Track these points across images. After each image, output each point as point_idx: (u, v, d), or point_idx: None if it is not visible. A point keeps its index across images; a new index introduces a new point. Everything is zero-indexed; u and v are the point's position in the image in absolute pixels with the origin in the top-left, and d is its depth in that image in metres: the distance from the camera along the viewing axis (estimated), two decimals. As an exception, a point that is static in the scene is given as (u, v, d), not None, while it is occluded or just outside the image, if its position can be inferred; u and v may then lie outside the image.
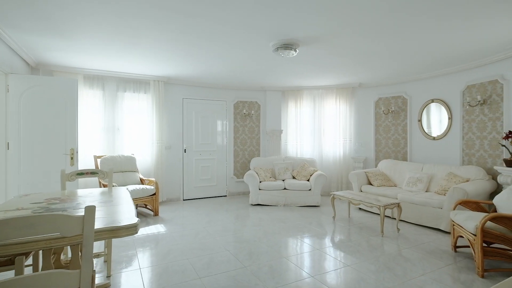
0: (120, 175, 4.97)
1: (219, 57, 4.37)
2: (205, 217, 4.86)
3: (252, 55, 4.25)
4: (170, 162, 5.99)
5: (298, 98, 6.74)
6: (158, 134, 5.65)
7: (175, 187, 6.07)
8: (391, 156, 6.00)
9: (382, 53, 4.15)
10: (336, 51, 4.03)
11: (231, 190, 6.64)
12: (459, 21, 3.05)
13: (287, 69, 5.11)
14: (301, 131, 6.80)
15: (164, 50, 4.02)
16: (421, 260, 3.11)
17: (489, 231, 2.73)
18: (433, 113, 5.34)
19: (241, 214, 5.07)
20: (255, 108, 6.81)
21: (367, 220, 4.65)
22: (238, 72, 5.34)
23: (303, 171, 5.97)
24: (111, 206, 2.20)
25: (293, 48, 3.64)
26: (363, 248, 3.46)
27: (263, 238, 3.83)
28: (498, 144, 4.29)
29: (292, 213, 5.11)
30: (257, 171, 5.99)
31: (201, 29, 3.29)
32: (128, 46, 3.85)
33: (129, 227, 1.73)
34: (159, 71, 5.21)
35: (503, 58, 4.13)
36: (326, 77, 5.73)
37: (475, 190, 3.90)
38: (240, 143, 6.71)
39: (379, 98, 6.15)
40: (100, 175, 3.14)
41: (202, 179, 6.34)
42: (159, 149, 5.66)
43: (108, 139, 5.28)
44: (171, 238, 3.80)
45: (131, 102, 5.55)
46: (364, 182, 5.41)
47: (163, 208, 5.43)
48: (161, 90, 5.68)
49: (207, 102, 6.40)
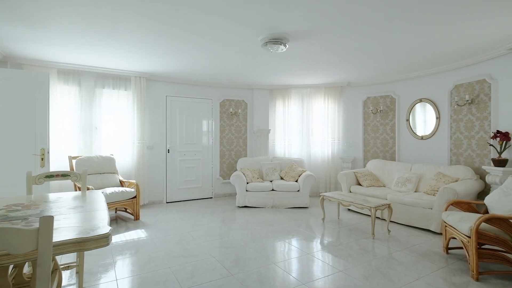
0: (97, 177, 4.64)
1: (204, 52, 4.14)
2: (189, 220, 4.62)
3: (239, 50, 4.05)
4: (152, 163, 5.70)
5: (286, 97, 6.60)
6: (139, 134, 5.35)
7: (158, 189, 5.78)
8: (379, 156, 5.96)
9: (373, 50, 4.06)
10: (327, 47, 3.90)
11: (217, 191, 6.41)
12: (450, 17, 2.98)
13: (275, 67, 4.95)
14: (289, 131, 6.66)
15: (145, 43, 3.76)
16: (414, 264, 3.02)
17: (484, 233, 2.65)
18: (421, 112, 5.32)
19: (228, 217, 4.86)
20: (242, 107, 6.61)
21: (357, 222, 4.55)
22: (224, 69, 5.13)
23: (291, 172, 5.83)
24: (82, 212, 1.95)
25: (282, 43, 3.48)
26: (354, 252, 3.34)
27: (250, 242, 3.64)
28: (486, 144, 4.29)
29: (281, 215, 4.95)
30: (244, 172, 5.80)
31: (184, 21, 3.07)
32: (105, 38, 3.56)
33: (99, 239, 1.50)
34: (140, 66, 4.92)
35: (491, 58, 4.13)
36: (315, 76, 5.61)
37: (465, 190, 3.87)
38: (226, 143, 6.50)
39: (368, 98, 6.10)
40: (72, 177, 2.86)
41: (186, 180, 6.08)
42: (140, 149, 5.36)
43: (85, 139, 4.94)
44: (152, 245, 3.55)
45: (110, 99, 5.23)
46: (353, 183, 5.32)
47: (145, 211, 5.14)
48: (142, 87, 5.38)
49: (192, 100, 6.15)
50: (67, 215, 1.87)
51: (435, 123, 5.04)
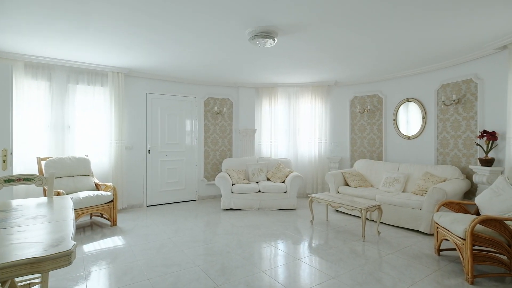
0: (70, 180, 4.28)
1: (187, 46, 3.89)
2: (171, 225, 4.34)
3: (225, 45, 3.83)
4: (131, 164, 5.36)
5: (273, 96, 6.43)
6: (117, 133, 5.01)
7: (138, 192, 5.45)
8: (366, 156, 5.90)
9: (362, 48, 3.95)
10: (316, 43, 3.75)
11: (201, 193, 6.15)
12: (441, 14, 2.90)
13: (262, 64, 4.76)
14: (276, 130, 6.50)
15: (121, 34, 3.46)
16: (408, 267, 2.91)
17: (478, 235, 2.58)
18: (408, 112, 5.30)
19: (212, 220, 4.62)
20: (227, 106, 6.38)
21: (346, 223, 4.44)
22: (209, 66, 4.89)
23: (278, 172, 5.66)
24: (43, 223, 1.68)
25: (271, 37, 3.29)
26: (345, 256, 3.20)
27: (237, 248, 3.42)
28: (472, 143, 4.30)
29: (268, 217, 4.77)
30: (230, 173, 5.57)
31: (164, 10, 2.82)
32: (76, 27, 3.24)
33: (58, 257, 1.25)
34: (118, 61, 4.59)
35: (477, 57, 4.14)
36: (302, 74, 5.47)
37: (453, 190, 3.83)
38: (211, 143, 6.25)
39: (355, 97, 6.03)
40: (37, 181, 2.54)
41: (168, 182, 5.78)
42: (118, 149, 5.02)
43: (57, 139, 4.55)
44: (130, 253, 3.26)
45: (85, 96, 4.85)
46: (341, 183, 5.22)
47: (123, 216, 4.81)
48: (121, 83, 5.04)
49: (174, 98, 5.85)
50: (24, 227, 1.60)
51: (422, 123, 5.02)
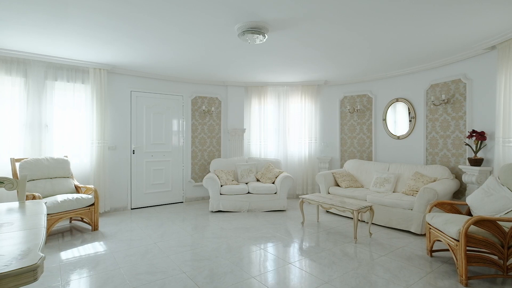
0: (47, 182, 4.02)
1: (173, 42, 3.72)
2: (157, 229, 4.15)
3: (213, 41, 3.68)
4: (114, 165, 5.12)
5: (262, 95, 6.31)
6: (99, 133, 4.76)
7: (121, 194, 5.21)
8: (356, 156, 5.87)
9: (353, 46, 3.89)
10: (308, 40, 3.66)
11: (189, 195, 5.96)
12: (434, 12, 2.86)
13: (251, 61, 4.63)
14: (265, 130, 6.38)
15: (102, 28, 3.26)
16: (401, 270, 2.85)
17: (472, 236, 2.54)
18: (397, 112, 5.29)
19: (200, 223, 4.45)
20: (216, 105, 6.22)
21: (337, 224, 4.37)
22: (197, 63, 4.72)
23: (268, 173, 5.55)
24: (9, 232, 1.51)
25: (261, 33, 3.17)
26: (338, 259, 3.12)
27: (225, 253, 3.28)
28: (461, 143, 4.32)
29: (257, 219, 4.64)
30: (218, 174, 5.42)
31: (148, 1, 2.65)
32: (53, 18, 3.02)
33: (21, 273, 1.10)
34: (100, 56, 4.36)
35: (466, 58, 4.15)
36: (292, 73, 5.38)
37: (443, 190, 3.83)
38: (198, 143, 6.07)
39: (345, 97, 6.00)
40: (7, 184, 2.33)
41: (154, 184, 5.57)
42: (100, 150, 4.77)
43: (33, 139, 4.27)
44: (112, 260, 3.06)
45: (64, 93, 4.59)
46: (331, 184, 5.16)
47: (105, 220, 4.58)
48: (103, 80, 4.80)
49: (160, 97, 5.65)
50: (-15, 237, 1.42)
51: (411, 123, 5.03)
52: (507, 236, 2.48)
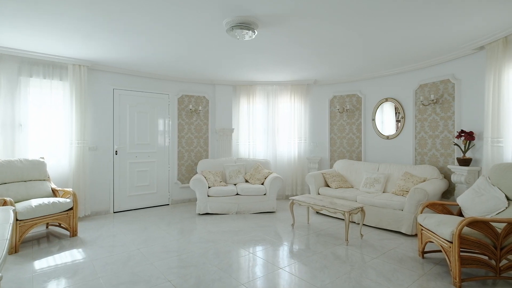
0: (21, 185, 3.75)
1: (157, 37, 3.54)
2: (140, 234, 3.95)
3: (200, 36, 3.52)
4: (96, 167, 4.87)
5: (251, 94, 6.18)
6: (79, 132, 4.50)
7: (103, 197, 4.96)
8: (345, 156, 5.83)
9: (344, 44, 3.82)
10: (298, 37, 3.55)
11: (175, 197, 5.76)
12: (427, 11, 2.81)
13: (240, 59, 4.49)
14: (254, 130, 6.26)
15: (80, 20, 3.04)
16: (394, 273, 2.79)
17: (465, 237, 2.49)
18: (387, 112, 5.28)
19: (187, 227, 4.28)
20: (203, 104, 6.04)
21: (327, 226, 4.29)
22: (183, 60, 4.54)
23: (257, 174, 5.42)
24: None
25: (251, 29, 3.04)
26: (329, 262, 3.02)
27: (213, 258, 3.13)
28: (450, 143, 4.33)
29: (246, 222, 4.51)
30: (206, 175, 5.25)
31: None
32: (24, 9, 2.79)
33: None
34: (79, 52, 4.11)
35: (455, 58, 4.16)
36: (281, 71, 5.28)
37: (433, 190, 3.81)
38: (185, 143, 5.87)
39: (334, 96, 5.95)
40: (-31, 190, 2.10)
41: (138, 186, 5.33)
42: (80, 150, 4.52)
43: (5, 139, 3.98)
44: (91, 269, 2.86)
45: (40, 90, 4.31)
46: (321, 184, 5.09)
47: (85, 225, 4.33)
48: (83, 77, 4.54)
49: (145, 95, 5.42)
50: None
51: (401, 123, 5.02)
52: (499, 237, 2.45)
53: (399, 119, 5.05)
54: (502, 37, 3.33)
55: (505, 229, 2.43)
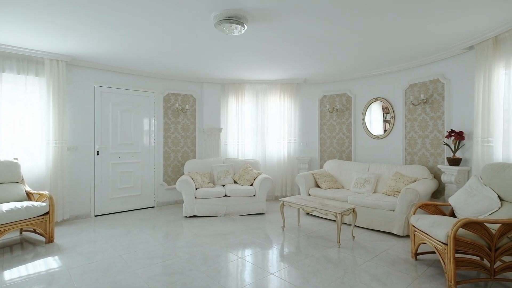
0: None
1: (143, 30, 3.34)
2: (123, 239, 3.73)
3: (187, 30, 3.35)
4: (76, 168, 4.60)
5: (240, 93, 6.04)
6: (57, 132, 4.24)
7: (84, 200, 4.70)
8: (335, 156, 5.77)
9: (335, 42, 3.73)
10: (289, 34, 3.44)
11: (160, 199, 5.54)
12: (412, 14, 2.76)
13: (229, 56, 4.34)
14: (243, 130, 6.11)
15: (55, 10, 2.82)
16: (388, 276, 2.71)
17: (460, 239, 2.43)
18: (377, 112, 5.25)
19: (173, 230, 4.09)
20: (190, 103, 5.85)
21: (318, 228, 4.20)
22: (169, 56, 4.35)
23: (246, 175, 5.28)
24: None
25: (240, 23, 2.90)
26: (322, 266, 2.92)
27: (201, 264, 2.97)
28: (439, 143, 4.32)
29: (235, 224, 4.36)
30: (193, 176, 5.07)
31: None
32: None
33: None
34: (56, 45, 3.86)
35: (444, 58, 4.16)
36: (271, 70, 5.16)
37: (425, 190, 3.78)
38: (171, 143, 5.67)
39: (324, 96, 5.88)
40: None
41: (122, 188, 5.09)
42: (58, 151, 4.25)
43: (-26, 138, 3.69)
44: (67, 279, 2.64)
45: (14, 86, 4.02)
46: (311, 185, 5.00)
47: (64, 230, 4.07)
48: (61, 73, 4.28)
49: (129, 93, 5.18)
50: None
51: (390, 123, 5.00)
52: (494, 238, 2.41)
53: (389, 119, 5.03)
54: (492, 37, 3.32)
55: (500, 229, 2.39)
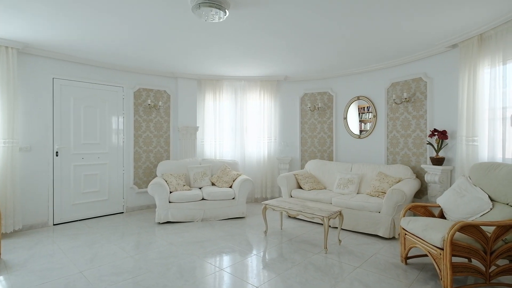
0: None
1: (109, 14, 2.92)
2: (86, 251, 3.27)
3: (161, 15, 2.98)
4: (29, 171, 4.04)
5: (218, 90, 5.70)
6: (5, 129, 3.66)
7: (40, 207, 4.13)
8: (317, 156, 5.62)
9: (319, 36, 3.53)
10: (272, 24, 3.18)
11: (131, 204, 5.06)
12: (398, 13, 2.63)
13: (206, 49, 4.01)
14: (221, 129, 5.78)
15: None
16: (381, 284, 2.53)
17: (456, 243, 2.31)
18: (358, 111, 5.16)
19: (144, 239, 3.68)
20: (164, 99, 5.42)
21: (302, 231, 3.99)
22: (140, 46, 3.93)
23: (224, 176, 4.96)
24: None
25: (221, 7, 2.59)
26: (311, 276, 2.69)
27: (176, 279, 2.63)
28: (422, 143, 4.28)
29: (213, 230, 4.04)
30: (167, 178, 4.66)
31: None
32: None
33: None
34: (6, 29, 3.31)
35: (427, 56, 4.12)
36: (251, 66, 4.88)
37: (410, 191, 3.70)
38: (143, 143, 5.21)
39: (305, 94, 5.71)
40: None
41: (86, 192, 4.57)
42: (7, 151, 3.67)
43: None
44: (11, 306, 2.19)
45: (-50, 75, 3.41)
46: (294, 186, 4.79)
47: (14, 242, 3.52)
48: (11, 61, 3.71)
49: (94, 87, 4.67)
50: None
51: (372, 122, 4.92)
52: (489, 241, 2.31)
53: (366, 118, 4.96)
54: (477, 35, 3.29)
55: (495, 232, 2.30)
